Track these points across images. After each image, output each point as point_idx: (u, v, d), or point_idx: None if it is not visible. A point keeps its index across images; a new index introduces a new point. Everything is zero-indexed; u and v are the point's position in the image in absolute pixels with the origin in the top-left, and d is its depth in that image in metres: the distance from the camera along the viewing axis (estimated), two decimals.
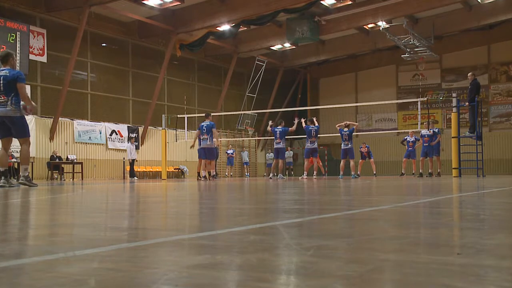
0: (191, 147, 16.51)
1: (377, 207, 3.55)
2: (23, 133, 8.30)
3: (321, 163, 16.21)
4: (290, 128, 16.33)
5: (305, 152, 16.60)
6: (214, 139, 15.43)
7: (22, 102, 8.14)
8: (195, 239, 1.92)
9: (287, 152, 30.42)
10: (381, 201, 4.45)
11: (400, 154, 30.23)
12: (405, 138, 19.98)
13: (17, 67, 8.58)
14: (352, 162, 17.03)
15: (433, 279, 1.19)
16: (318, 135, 16.55)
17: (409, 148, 19.54)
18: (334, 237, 1.93)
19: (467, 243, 1.79)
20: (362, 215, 2.95)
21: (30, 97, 19.50)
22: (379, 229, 2.19)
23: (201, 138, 15.54)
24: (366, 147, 21.05)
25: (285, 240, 1.83)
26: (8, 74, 8.01)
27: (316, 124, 16.43)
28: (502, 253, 1.57)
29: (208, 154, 15.65)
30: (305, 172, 16.61)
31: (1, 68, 8.12)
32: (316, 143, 16.36)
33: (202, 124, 15.60)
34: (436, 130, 18.48)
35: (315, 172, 16.44)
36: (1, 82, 7.97)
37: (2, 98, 7.99)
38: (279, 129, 16.38)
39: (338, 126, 17.49)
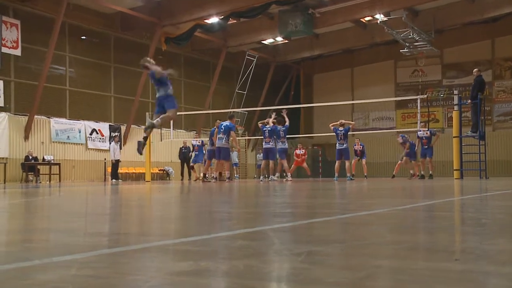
0: (212, 148, 16.34)
1: (372, 210, 3.57)
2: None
3: (286, 165, 16.48)
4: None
5: (280, 153, 16.65)
6: (232, 142, 15.52)
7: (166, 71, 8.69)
8: (179, 245, 1.93)
9: None
10: (377, 204, 4.48)
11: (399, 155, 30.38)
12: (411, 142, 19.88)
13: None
14: (347, 163, 17.08)
15: (429, 286, 1.21)
16: (287, 136, 16.70)
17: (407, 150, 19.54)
18: (327, 242, 1.95)
19: (467, 248, 1.82)
20: (356, 219, 2.97)
21: (3, 92, 19.13)
22: (374, 234, 2.21)
23: (217, 137, 15.52)
24: (360, 145, 20.99)
25: (274, 246, 1.84)
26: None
27: (286, 124, 16.45)
28: (503, 259, 1.59)
29: (222, 154, 15.59)
30: (288, 173, 16.78)
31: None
32: (286, 143, 16.34)
33: (222, 123, 15.58)
34: (428, 130, 18.69)
35: (285, 174, 16.80)
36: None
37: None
38: (267, 128, 16.28)
39: (332, 125, 17.50)
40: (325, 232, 2.37)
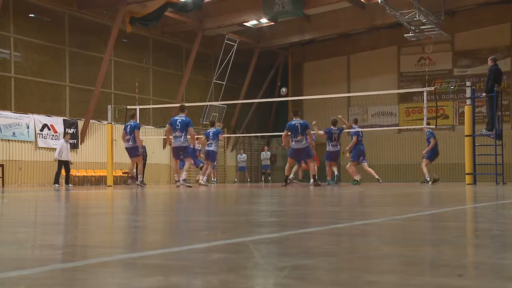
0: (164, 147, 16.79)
1: (369, 220, 3.63)
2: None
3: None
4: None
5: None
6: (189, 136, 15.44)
7: None
8: (146, 258, 1.96)
9: (263, 152, 30.59)
10: (376, 212, 4.55)
11: (402, 156, 30.58)
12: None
13: None
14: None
15: None
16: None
17: None
18: (314, 255, 1.99)
19: (473, 262, 1.88)
20: (350, 229, 3.03)
21: None
22: (369, 246, 2.26)
23: (173, 135, 15.47)
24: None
25: (254, 259, 1.88)
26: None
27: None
28: (511, 274, 1.64)
29: (184, 153, 16.03)
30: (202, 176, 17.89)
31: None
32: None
33: (176, 118, 15.50)
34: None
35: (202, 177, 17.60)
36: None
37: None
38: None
39: (318, 133, 17.49)
40: (313, 243, 2.41)
